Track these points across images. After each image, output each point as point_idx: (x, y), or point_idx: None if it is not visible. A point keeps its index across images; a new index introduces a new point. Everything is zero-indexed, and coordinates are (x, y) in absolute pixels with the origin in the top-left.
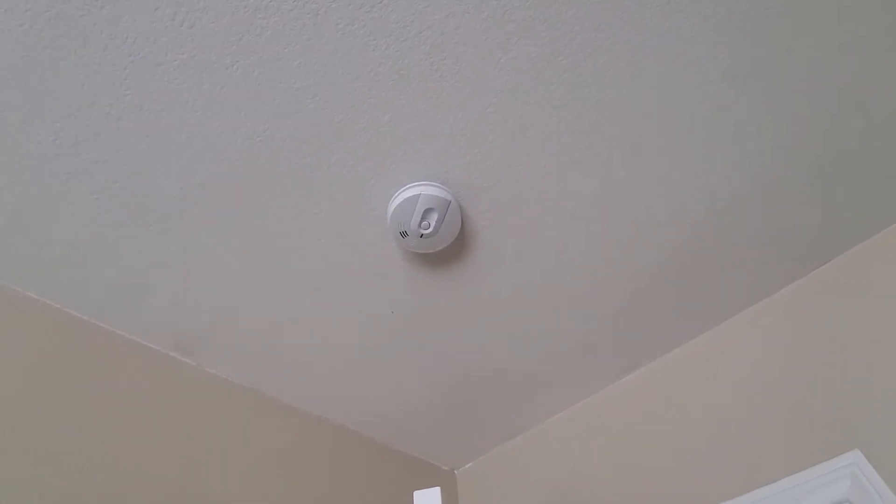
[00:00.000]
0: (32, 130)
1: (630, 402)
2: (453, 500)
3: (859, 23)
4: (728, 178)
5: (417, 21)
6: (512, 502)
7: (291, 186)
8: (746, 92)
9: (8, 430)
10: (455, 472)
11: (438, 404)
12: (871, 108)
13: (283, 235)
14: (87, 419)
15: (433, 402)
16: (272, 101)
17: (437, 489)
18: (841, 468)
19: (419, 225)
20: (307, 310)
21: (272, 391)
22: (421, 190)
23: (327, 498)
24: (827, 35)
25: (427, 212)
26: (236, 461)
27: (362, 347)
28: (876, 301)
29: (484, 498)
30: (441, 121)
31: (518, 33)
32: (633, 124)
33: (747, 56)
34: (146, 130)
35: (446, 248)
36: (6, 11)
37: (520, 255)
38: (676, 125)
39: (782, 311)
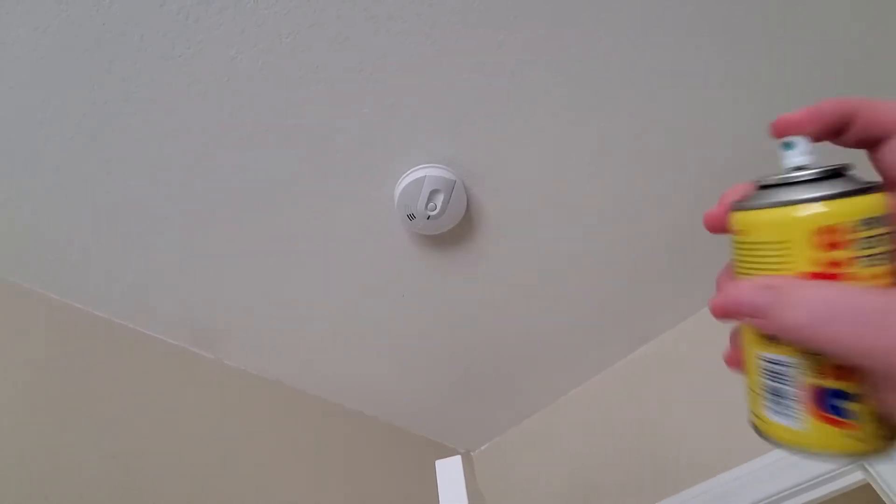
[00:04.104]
0: (49, 132)
1: (643, 374)
2: (471, 479)
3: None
4: (732, 148)
5: (417, 3)
6: (529, 481)
7: (300, 174)
8: (745, 72)
9: (44, 426)
10: (472, 453)
11: (452, 386)
12: (873, 84)
13: (294, 225)
14: (117, 412)
15: (447, 384)
16: (277, 89)
17: (458, 458)
18: None
19: (426, 206)
20: (320, 298)
21: (289, 380)
22: (426, 172)
23: (346, 483)
24: (825, 19)
25: (433, 193)
26: (258, 450)
27: (375, 332)
28: None
29: (501, 478)
30: (444, 103)
31: (516, 11)
32: (634, 98)
33: (745, 45)
34: (159, 125)
35: (453, 228)
36: (21, 16)
37: (527, 231)
38: (676, 98)
39: None
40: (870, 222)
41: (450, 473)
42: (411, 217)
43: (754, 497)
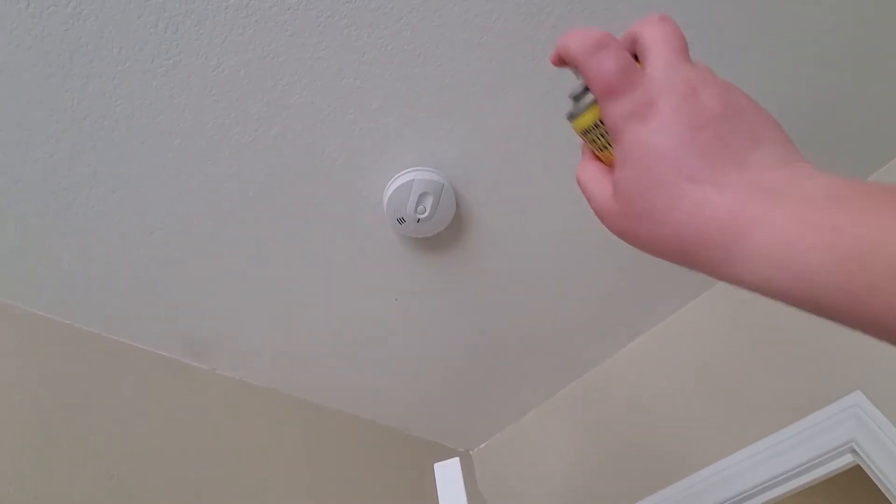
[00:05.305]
0: (28, 149)
1: (638, 366)
2: (471, 480)
3: None
4: None
5: (397, 7)
6: (529, 478)
7: (287, 183)
8: (733, 49)
9: (40, 445)
10: (470, 452)
11: (449, 387)
12: (858, 52)
13: (283, 232)
14: (112, 429)
15: (443, 385)
16: (261, 99)
17: (457, 459)
18: (844, 410)
19: (415, 210)
20: (313, 305)
21: (285, 388)
22: (414, 175)
23: (347, 489)
24: None
25: (422, 196)
26: (256, 459)
27: (370, 337)
28: None
29: (501, 476)
30: (428, 105)
31: (496, 11)
32: None
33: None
34: (141, 139)
35: (444, 230)
36: None
37: (516, 229)
38: None
39: None
40: (597, 125)
41: (449, 476)
42: (401, 221)
43: (751, 483)
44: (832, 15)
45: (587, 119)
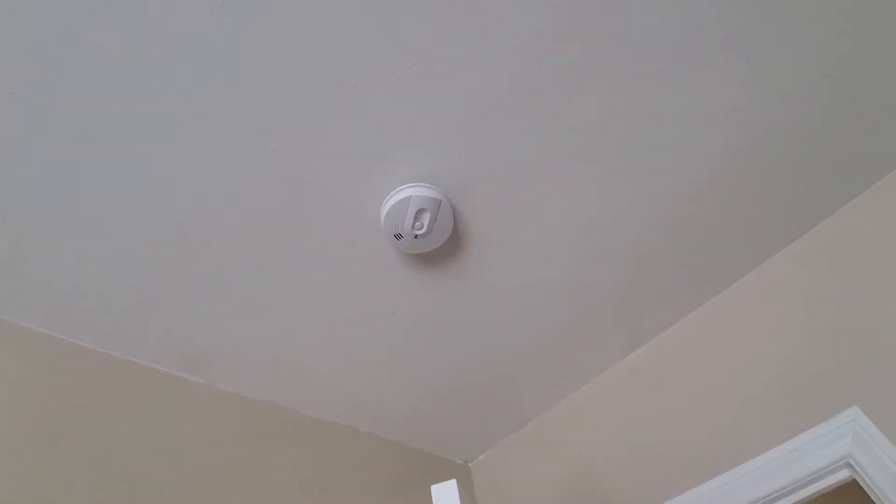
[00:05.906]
0: (25, 163)
1: (635, 378)
2: (469, 492)
3: None
4: (717, 149)
5: (393, 24)
6: (528, 489)
7: (285, 198)
8: (735, 59)
9: (35, 461)
10: (469, 464)
11: (447, 399)
12: (862, 54)
13: (281, 247)
14: (108, 444)
15: (442, 397)
16: (257, 116)
17: (454, 481)
18: (841, 426)
19: (413, 226)
20: (311, 319)
21: (283, 402)
22: (411, 191)
23: (345, 501)
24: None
25: (419, 212)
26: (254, 473)
27: (368, 351)
28: (868, 257)
29: (499, 488)
30: (424, 121)
31: (493, 25)
32: (616, 104)
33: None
34: (137, 156)
35: (441, 246)
36: None
37: (514, 244)
38: (661, 100)
39: (774, 279)
40: None
41: (445, 498)
42: (398, 237)
43: (749, 498)
44: (832, 30)
45: None
